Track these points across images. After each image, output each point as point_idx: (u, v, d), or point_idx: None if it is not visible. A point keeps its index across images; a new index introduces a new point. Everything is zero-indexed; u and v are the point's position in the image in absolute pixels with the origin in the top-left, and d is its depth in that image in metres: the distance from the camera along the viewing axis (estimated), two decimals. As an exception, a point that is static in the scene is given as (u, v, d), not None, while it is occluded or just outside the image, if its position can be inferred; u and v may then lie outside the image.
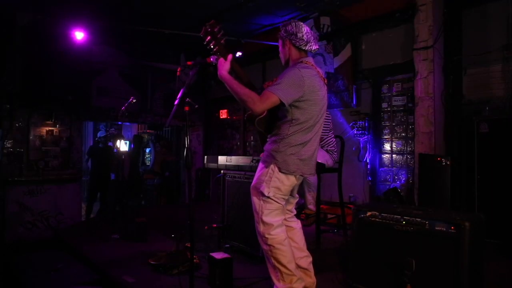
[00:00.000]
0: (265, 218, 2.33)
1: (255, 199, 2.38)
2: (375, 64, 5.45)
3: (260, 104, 2.19)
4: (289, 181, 2.35)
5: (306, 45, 2.38)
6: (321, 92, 2.39)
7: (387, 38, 5.33)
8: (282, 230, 2.37)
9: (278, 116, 2.37)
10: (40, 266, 3.93)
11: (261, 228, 2.35)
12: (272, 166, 2.32)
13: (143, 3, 5.74)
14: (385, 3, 5.21)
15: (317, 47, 2.46)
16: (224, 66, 2.29)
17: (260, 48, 6.56)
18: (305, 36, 2.37)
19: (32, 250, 5.05)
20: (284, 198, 2.39)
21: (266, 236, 2.33)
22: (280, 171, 2.31)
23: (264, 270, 3.07)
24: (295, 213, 2.67)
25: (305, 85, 2.26)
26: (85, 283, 3.40)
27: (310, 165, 2.42)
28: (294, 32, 2.38)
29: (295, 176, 2.37)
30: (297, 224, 2.61)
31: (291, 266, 2.34)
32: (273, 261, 2.33)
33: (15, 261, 4.36)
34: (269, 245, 2.32)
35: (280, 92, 2.20)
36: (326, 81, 2.52)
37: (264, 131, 2.45)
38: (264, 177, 2.34)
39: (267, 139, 2.46)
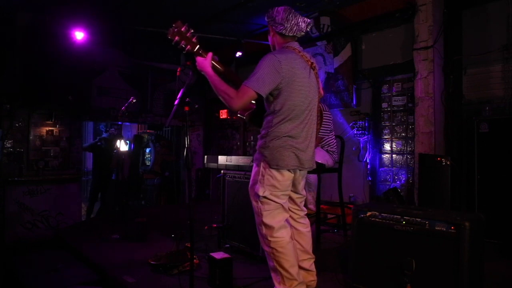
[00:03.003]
0: (265, 220, 2.25)
1: (253, 202, 2.32)
2: (375, 64, 5.45)
3: (237, 100, 2.12)
4: (283, 177, 2.23)
5: (287, 31, 2.27)
6: (305, 78, 2.25)
7: (387, 38, 5.33)
8: (286, 232, 2.27)
9: (263, 108, 2.32)
10: (40, 266, 3.93)
11: (263, 230, 2.28)
12: (262, 164, 2.23)
13: (143, 3, 5.74)
14: (385, 3, 5.20)
15: (304, 26, 2.30)
16: (204, 63, 2.22)
17: (260, 48, 6.56)
18: (285, 21, 2.24)
19: (32, 250, 5.05)
20: (284, 195, 2.29)
21: (269, 238, 2.25)
22: (270, 167, 2.20)
23: (264, 270, 3.08)
24: (306, 212, 2.58)
25: (283, 69, 2.15)
26: (85, 283, 3.39)
27: (305, 157, 2.28)
28: (273, 17, 2.29)
29: (289, 170, 2.24)
30: (305, 228, 2.53)
31: (293, 270, 2.26)
32: (275, 264, 2.26)
33: (15, 261, 4.35)
34: (272, 248, 2.25)
35: (255, 84, 2.11)
36: (315, 66, 2.37)
37: (258, 127, 2.40)
38: (257, 176, 2.25)
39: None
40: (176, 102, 2.36)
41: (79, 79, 6.36)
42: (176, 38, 2.23)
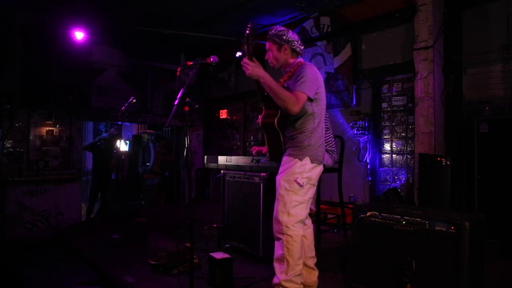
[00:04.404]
0: (292, 210, 2.44)
1: (283, 191, 2.47)
2: (375, 64, 5.45)
3: (298, 104, 2.38)
4: (317, 171, 2.55)
5: (299, 47, 2.63)
6: (324, 86, 2.64)
7: (387, 38, 5.33)
8: (302, 226, 2.51)
9: (299, 112, 2.48)
10: (40, 266, 3.93)
11: (285, 218, 2.43)
12: (305, 159, 2.47)
13: (143, 3, 5.74)
14: (385, 3, 5.20)
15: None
16: (260, 68, 2.40)
17: (260, 48, 6.56)
18: (300, 41, 2.65)
19: (32, 250, 5.05)
20: (313, 188, 2.55)
21: (289, 226, 2.41)
22: (312, 162, 2.49)
23: (264, 270, 3.08)
24: (308, 211, 2.74)
25: (318, 78, 2.53)
26: (85, 283, 3.40)
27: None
28: (295, 39, 2.61)
29: (322, 165, 2.59)
30: (310, 223, 2.72)
31: (299, 261, 2.44)
32: (284, 252, 2.41)
33: (15, 261, 4.36)
34: (288, 235, 2.41)
35: (307, 89, 2.41)
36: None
37: (281, 131, 2.57)
38: (298, 169, 2.46)
39: (287, 137, 2.57)
40: (176, 102, 2.38)
41: (79, 79, 6.35)
42: (249, 40, 2.42)
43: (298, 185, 2.44)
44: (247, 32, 2.35)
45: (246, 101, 7.78)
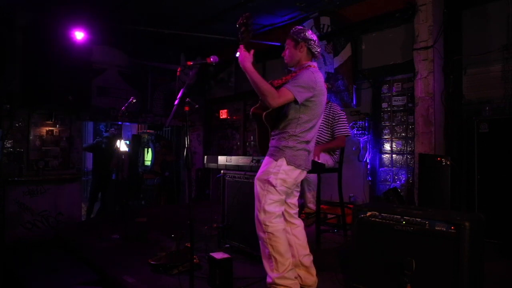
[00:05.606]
0: (267, 207, 2.46)
1: (259, 189, 2.51)
2: (375, 64, 5.45)
3: (278, 99, 2.38)
4: (294, 174, 2.51)
5: (315, 48, 2.63)
6: (325, 96, 2.62)
7: (387, 38, 5.33)
8: (281, 220, 2.52)
9: (285, 113, 2.52)
10: (40, 266, 3.93)
11: (262, 216, 2.46)
12: (280, 160, 2.48)
13: (143, 3, 5.74)
14: (385, 3, 5.20)
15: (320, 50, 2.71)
16: (248, 58, 2.38)
17: (260, 48, 6.56)
18: (318, 42, 2.64)
19: (32, 250, 5.05)
20: (287, 191, 2.53)
21: (267, 223, 2.44)
22: (288, 164, 2.47)
23: (264, 270, 3.08)
24: (298, 209, 2.76)
25: (317, 87, 2.49)
26: (85, 283, 3.39)
27: (310, 161, 2.62)
28: (313, 39, 2.61)
29: (300, 170, 2.54)
30: (300, 222, 2.72)
31: (287, 255, 2.45)
32: (270, 249, 2.43)
33: (15, 261, 4.35)
34: (269, 233, 2.43)
35: (296, 90, 2.41)
36: (326, 86, 2.73)
37: (269, 127, 2.58)
38: (273, 169, 2.48)
39: (272, 136, 2.59)
40: (176, 102, 2.39)
41: (79, 79, 6.34)
42: (243, 28, 2.40)
43: (270, 185, 2.45)
44: (240, 21, 2.36)
45: (246, 101, 7.78)
